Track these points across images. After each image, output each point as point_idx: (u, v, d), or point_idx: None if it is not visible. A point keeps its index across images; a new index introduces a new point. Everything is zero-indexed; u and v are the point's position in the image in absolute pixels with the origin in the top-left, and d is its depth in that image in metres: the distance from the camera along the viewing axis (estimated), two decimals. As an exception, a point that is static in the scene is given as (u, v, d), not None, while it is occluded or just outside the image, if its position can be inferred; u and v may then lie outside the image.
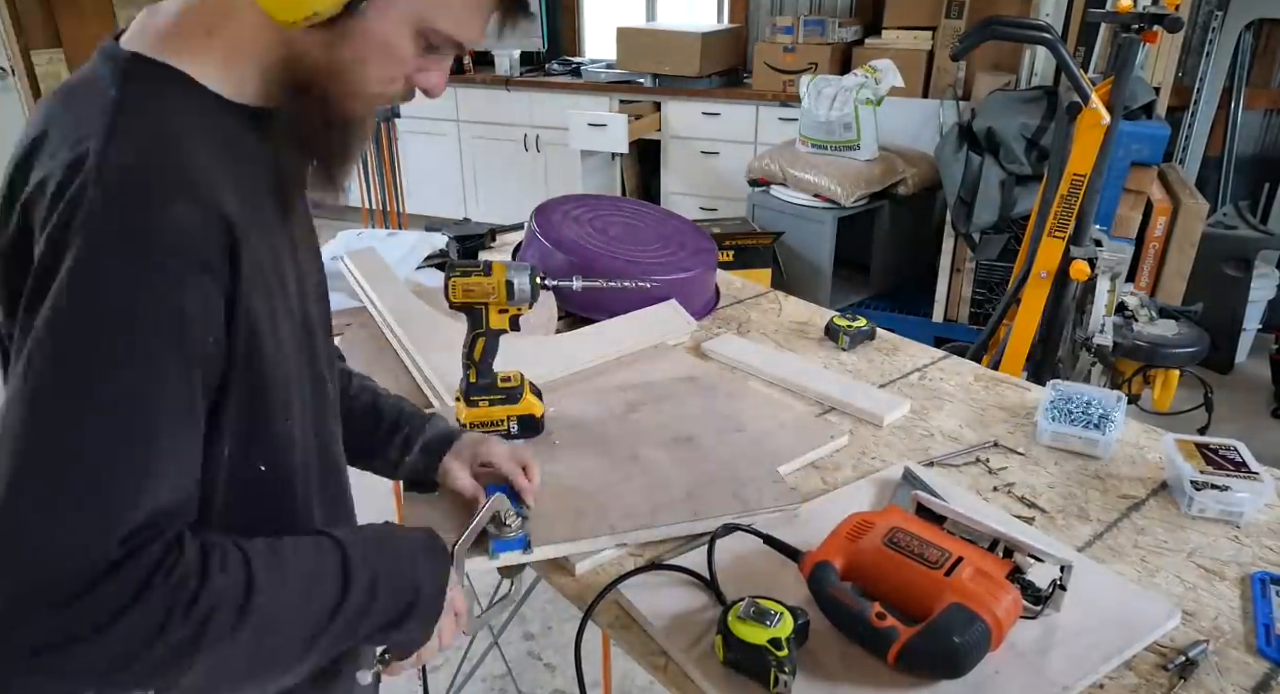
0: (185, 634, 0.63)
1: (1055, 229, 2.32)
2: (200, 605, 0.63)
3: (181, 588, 0.63)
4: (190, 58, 0.70)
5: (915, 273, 3.91)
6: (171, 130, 0.67)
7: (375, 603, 0.76)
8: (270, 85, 0.73)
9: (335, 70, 0.71)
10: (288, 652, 0.71)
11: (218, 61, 0.71)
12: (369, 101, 0.76)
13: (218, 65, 0.71)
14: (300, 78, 0.72)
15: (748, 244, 3.41)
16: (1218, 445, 1.23)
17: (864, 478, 1.23)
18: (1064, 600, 0.94)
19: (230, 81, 0.72)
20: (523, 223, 1.97)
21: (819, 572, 0.95)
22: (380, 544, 0.80)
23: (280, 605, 0.69)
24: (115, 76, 0.68)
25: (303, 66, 0.71)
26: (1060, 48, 2.20)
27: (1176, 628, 0.96)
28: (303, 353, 0.79)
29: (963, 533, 0.98)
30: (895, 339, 1.68)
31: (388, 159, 3.96)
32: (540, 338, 1.59)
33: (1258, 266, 3.43)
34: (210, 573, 0.65)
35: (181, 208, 0.63)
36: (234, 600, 0.66)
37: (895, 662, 0.87)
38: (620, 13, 5.04)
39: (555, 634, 2.36)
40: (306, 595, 0.72)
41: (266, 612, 0.68)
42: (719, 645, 0.89)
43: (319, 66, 0.71)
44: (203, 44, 0.70)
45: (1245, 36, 3.60)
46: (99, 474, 0.61)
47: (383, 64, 0.73)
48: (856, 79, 3.51)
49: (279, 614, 0.69)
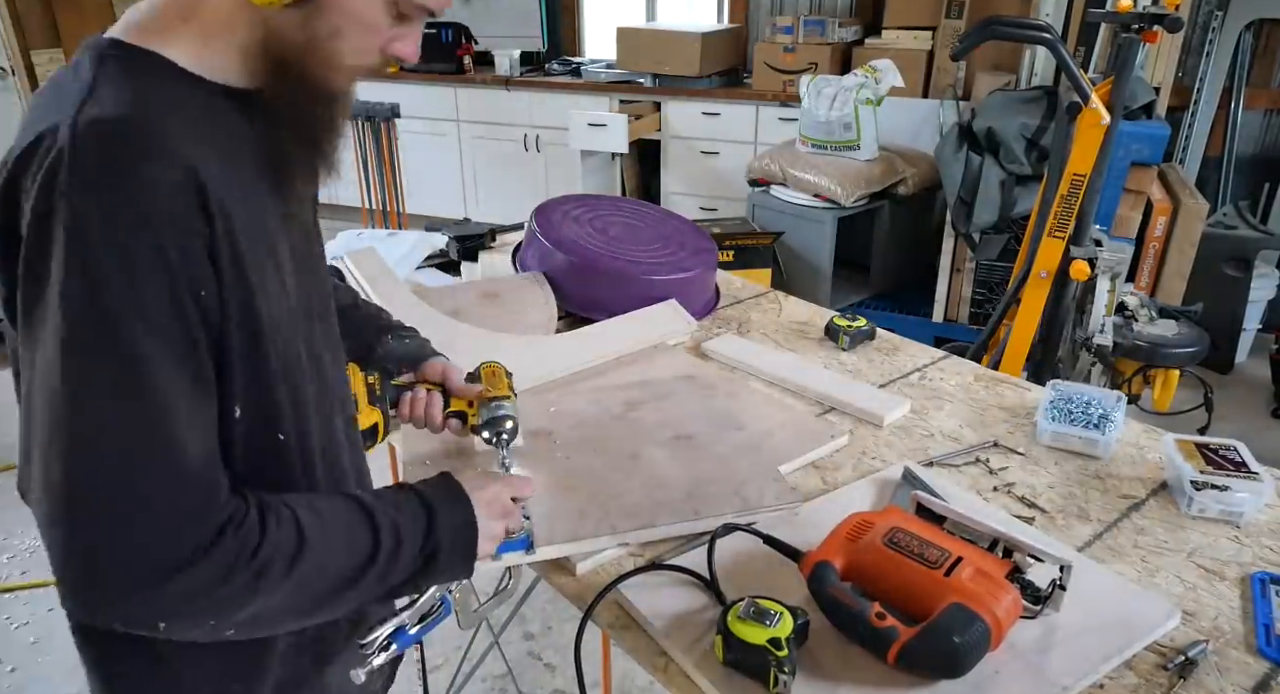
0: (246, 579, 0.69)
1: (1055, 229, 2.32)
2: (260, 556, 0.70)
3: (247, 540, 0.70)
4: (168, 42, 0.72)
5: (915, 273, 3.90)
6: (145, 97, 0.68)
7: (401, 549, 0.80)
8: (250, 66, 0.74)
9: (312, 46, 0.73)
10: (329, 596, 0.77)
11: (195, 44, 0.72)
12: (348, 74, 0.77)
13: (195, 48, 0.72)
14: (279, 56, 0.73)
15: (748, 244, 3.41)
16: (1218, 445, 1.23)
17: (864, 478, 1.23)
18: (1064, 600, 0.94)
19: (209, 63, 0.73)
20: (523, 223, 1.97)
21: (819, 572, 0.95)
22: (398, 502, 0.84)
23: (325, 556, 0.75)
24: (92, 60, 0.70)
25: (280, 45, 0.73)
26: (1060, 48, 2.20)
27: (1176, 628, 0.96)
28: (298, 330, 0.80)
29: (963, 533, 0.98)
30: (895, 339, 1.69)
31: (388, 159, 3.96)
32: (539, 338, 1.59)
33: (1258, 266, 3.43)
34: (268, 528, 0.72)
35: (156, 166, 0.65)
36: (287, 553, 0.72)
37: (895, 662, 0.87)
38: (620, 13, 5.04)
39: (555, 634, 2.36)
40: (347, 547, 0.77)
41: (313, 563, 0.74)
42: (719, 645, 0.89)
43: (296, 43, 0.73)
44: (179, 29, 0.72)
45: (1245, 36, 3.60)
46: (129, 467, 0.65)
47: (358, 35, 0.75)
48: (856, 79, 3.51)
49: (324, 564, 0.75)
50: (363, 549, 0.78)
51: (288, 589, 0.73)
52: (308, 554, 0.73)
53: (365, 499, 0.82)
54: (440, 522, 0.84)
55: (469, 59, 4.84)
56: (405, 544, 0.81)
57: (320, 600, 0.76)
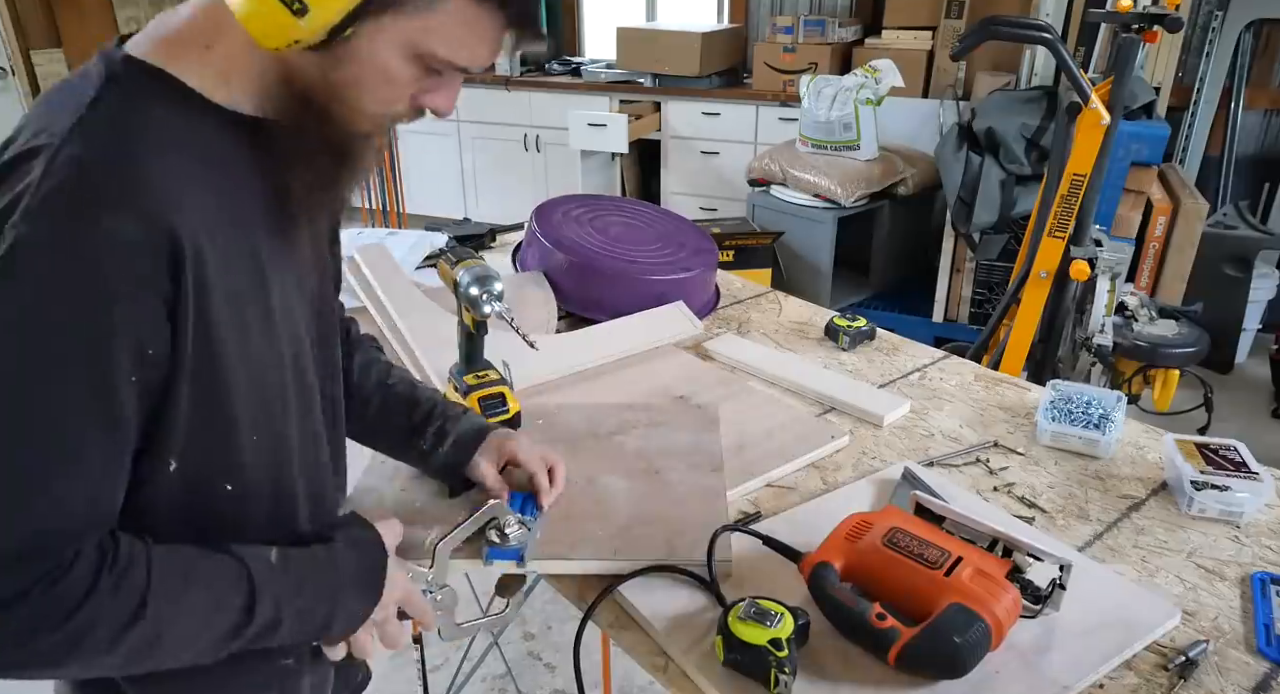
0: (56, 641, 0.64)
1: (1055, 229, 2.32)
2: (77, 620, 0.64)
3: (62, 600, 0.64)
4: (187, 67, 0.70)
5: (915, 273, 3.91)
6: (138, 134, 0.66)
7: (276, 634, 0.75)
8: (272, 96, 0.73)
9: (333, 91, 0.71)
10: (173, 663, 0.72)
11: (215, 72, 0.71)
12: (373, 120, 0.75)
13: (215, 76, 0.71)
14: (299, 94, 0.72)
15: (748, 244, 3.42)
16: (1218, 445, 1.23)
17: (864, 478, 1.23)
18: (1063, 599, 0.94)
19: (228, 92, 0.72)
20: (523, 223, 1.97)
21: (819, 573, 0.95)
22: (302, 583, 0.78)
23: (170, 632, 0.69)
24: (101, 76, 0.68)
25: (300, 84, 0.71)
26: (1060, 48, 2.20)
27: (1176, 628, 0.96)
28: (287, 361, 0.79)
29: (962, 533, 0.98)
30: (895, 339, 1.69)
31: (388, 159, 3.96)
32: (544, 336, 1.59)
33: (1258, 266, 3.43)
34: (98, 590, 0.66)
35: (121, 221, 0.63)
36: (116, 621, 0.67)
37: (896, 662, 0.87)
38: (620, 13, 5.03)
39: (555, 634, 2.36)
40: (203, 624, 0.71)
41: (149, 636, 0.68)
42: (719, 646, 0.89)
43: (316, 86, 0.71)
44: (200, 56, 0.70)
45: (1245, 36, 3.60)
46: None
47: (379, 87, 0.72)
48: (856, 79, 3.51)
49: (164, 638, 0.69)
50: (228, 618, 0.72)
51: (115, 662, 0.68)
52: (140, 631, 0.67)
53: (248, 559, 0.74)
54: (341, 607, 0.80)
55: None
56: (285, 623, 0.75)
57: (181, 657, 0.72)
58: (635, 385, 1.46)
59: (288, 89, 0.72)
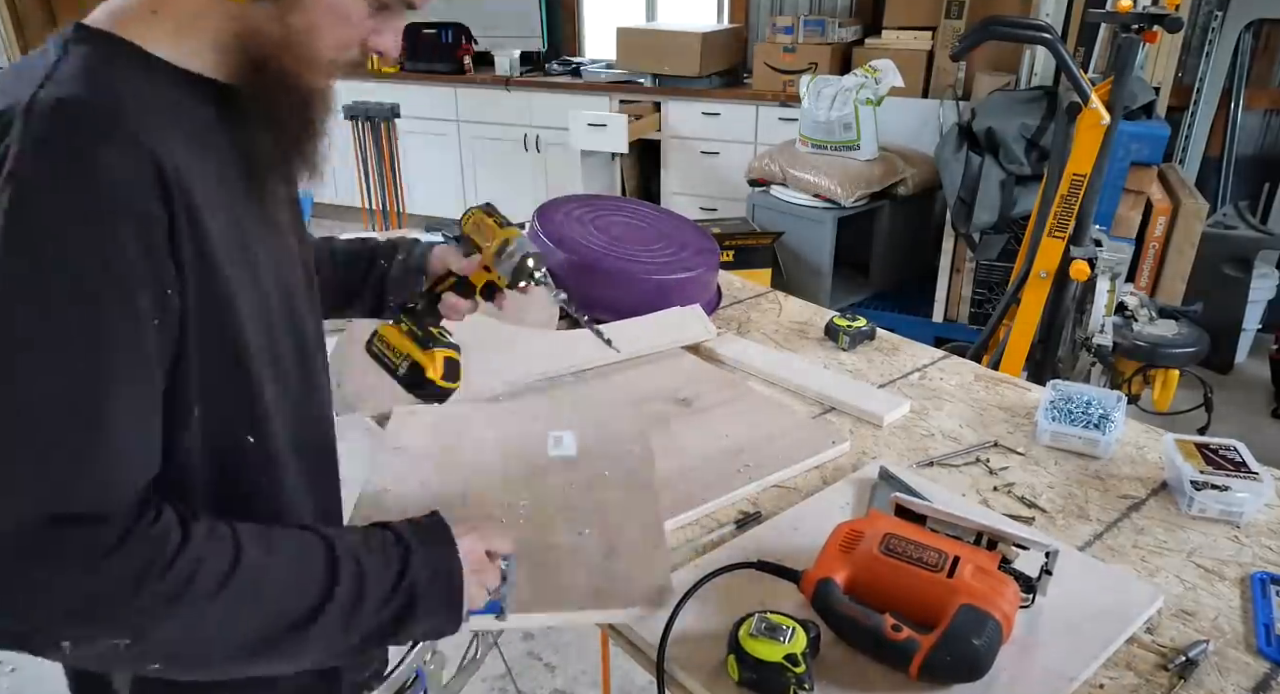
0: (161, 590, 0.63)
1: (1055, 229, 2.33)
2: (178, 566, 0.64)
3: (163, 541, 0.64)
4: (141, 32, 0.70)
5: (915, 273, 3.91)
6: (108, 82, 0.66)
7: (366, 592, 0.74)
8: (226, 60, 0.72)
9: (289, 41, 0.71)
10: (279, 636, 0.70)
11: (168, 35, 0.71)
12: (326, 70, 0.76)
13: (168, 39, 0.71)
14: (255, 52, 0.72)
15: (748, 244, 3.42)
16: (1218, 445, 1.23)
17: (841, 480, 1.21)
18: (1049, 587, 0.94)
19: (183, 53, 0.71)
20: (523, 223, 1.97)
21: (823, 589, 0.91)
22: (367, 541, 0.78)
23: (267, 585, 0.69)
24: (60, 45, 0.68)
25: (256, 40, 0.71)
26: (1060, 48, 2.20)
27: (1177, 629, 0.96)
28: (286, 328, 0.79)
29: (946, 530, 0.97)
30: (895, 339, 1.69)
31: (388, 159, 3.96)
32: (554, 333, 1.58)
33: (1258, 266, 3.43)
34: (193, 535, 0.66)
35: (111, 153, 0.63)
36: (218, 566, 0.66)
37: (919, 674, 0.85)
38: (620, 13, 5.03)
39: (555, 634, 2.36)
40: (296, 579, 0.71)
41: (250, 589, 0.67)
42: (732, 665, 0.85)
43: (272, 38, 0.71)
44: (149, 19, 0.70)
45: (1245, 36, 3.60)
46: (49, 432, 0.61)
47: (335, 28, 0.73)
48: (856, 79, 3.51)
49: (267, 594, 0.69)
50: (316, 585, 0.71)
51: (218, 615, 0.66)
52: (242, 576, 0.66)
53: (325, 531, 0.76)
54: (415, 563, 0.77)
55: (469, 59, 4.84)
56: (370, 586, 0.74)
57: (268, 640, 0.69)
58: (637, 387, 1.46)
59: (243, 49, 0.72)
